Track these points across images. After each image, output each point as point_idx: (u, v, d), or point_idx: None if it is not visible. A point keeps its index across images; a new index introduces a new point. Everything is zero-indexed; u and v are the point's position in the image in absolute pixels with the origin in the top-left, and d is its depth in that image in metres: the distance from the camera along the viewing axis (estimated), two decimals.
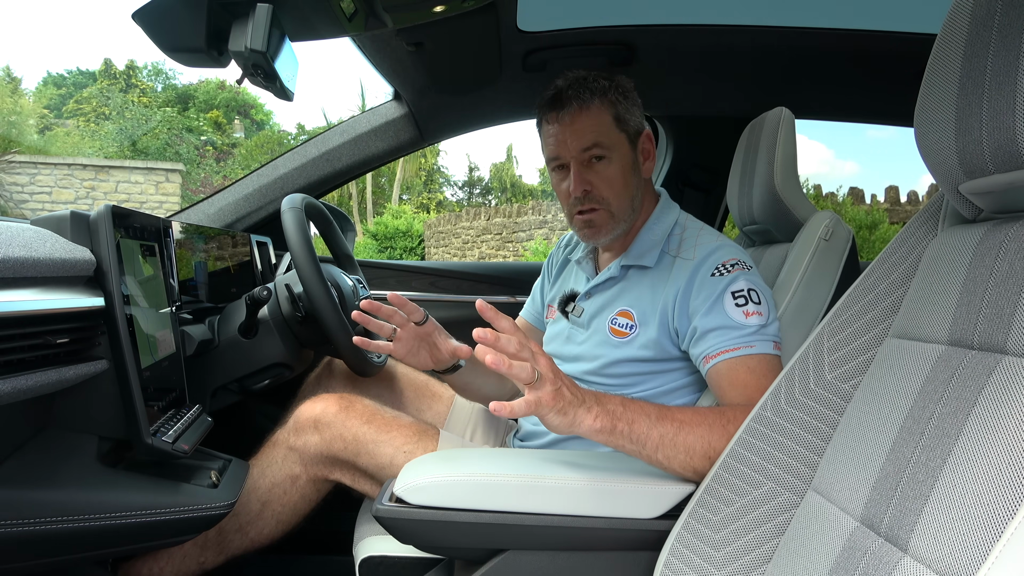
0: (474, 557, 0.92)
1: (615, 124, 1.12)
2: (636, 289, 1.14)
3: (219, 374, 1.28)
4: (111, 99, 23.52)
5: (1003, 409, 0.54)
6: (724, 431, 0.88)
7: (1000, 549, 0.48)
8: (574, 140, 1.11)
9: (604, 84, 1.12)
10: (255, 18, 0.93)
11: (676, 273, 1.09)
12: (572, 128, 1.11)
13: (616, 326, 1.14)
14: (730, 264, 1.06)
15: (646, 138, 1.16)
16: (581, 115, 1.10)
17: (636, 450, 0.86)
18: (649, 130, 1.17)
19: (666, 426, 0.86)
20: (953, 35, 0.63)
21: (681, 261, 1.10)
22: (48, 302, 0.72)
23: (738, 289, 1.03)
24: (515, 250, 13.29)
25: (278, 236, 1.72)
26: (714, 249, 1.09)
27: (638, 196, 1.16)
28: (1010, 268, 0.60)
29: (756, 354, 0.99)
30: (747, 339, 0.99)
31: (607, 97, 1.11)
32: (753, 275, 1.06)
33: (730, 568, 0.77)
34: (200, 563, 1.13)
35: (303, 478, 1.15)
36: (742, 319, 1.01)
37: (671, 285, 1.08)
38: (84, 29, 58.84)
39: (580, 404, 0.81)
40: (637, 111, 1.15)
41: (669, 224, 1.17)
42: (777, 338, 1.02)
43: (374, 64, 1.55)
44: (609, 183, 1.12)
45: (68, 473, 0.81)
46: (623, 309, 1.14)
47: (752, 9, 1.53)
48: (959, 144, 0.62)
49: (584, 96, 1.10)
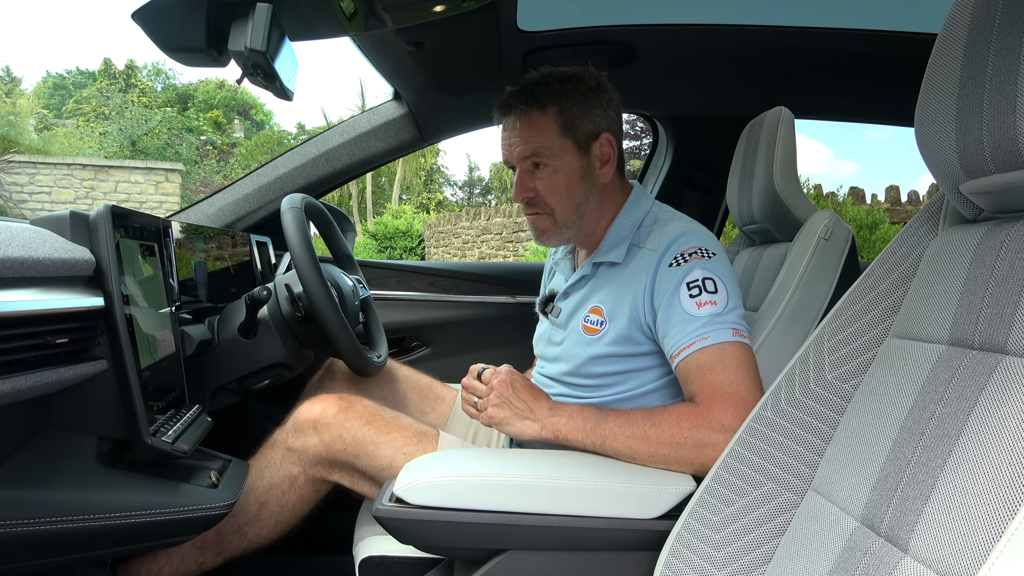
0: (474, 557, 0.92)
1: (560, 132, 1.10)
2: (607, 286, 1.13)
3: (219, 374, 1.28)
4: (111, 99, 23.53)
5: (1004, 409, 0.54)
6: (645, 439, 0.96)
7: (1000, 549, 0.48)
8: (515, 146, 1.12)
9: (555, 88, 1.10)
10: (255, 18, 0.93)
11: (643, 265, 1.08)
12: (516, 135, 1.12)
13: (588, 323, 1.13)
14: (688, 253, 1.04)
15: (604, 142, 1.12)
16: (523, 123, 1.11)
17: (582, 449, 1.00)
18: (610, 134, 1.13)
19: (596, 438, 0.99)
20: (953, 35, 0.63)
21: (647, 252, 1.09)
22: (47, 302, 0.72)
23: (693, 280, 1.02)
24: (515, 250, 13.29)
25: (278, 236, 1.72)
26: (676, 237, 1.07)
27: (588, 202, 1.14)
28: (1011, 268, 0.60)
29: (710, 345, 0.98)
30: (700, 331, 0.98)
31: (555, 104, 1.09)
32: (712, 263, 1.04)
33: (730, 568, 0.77)
34: (199, 563, 1.13)
35: (301, 479, 1.14)
36: (695, 311, 1.00)
37: (639, 278, 1.08)
38: (84, 29, 58.84)
39: (525, 418, 1.03)
40: (596, 113, 1.11)
41: (638, 218, 1.15)
42: (737, 324, 0.99)
43: (374, 64, 1.55)
44: (551, 190, 1.12)
45: (68, 473, 0.81)
46: (594, 306, 1.14)
47: (752, 9, 1.54)
48: (960, 144, 0.62)
49: (528, 103, 1.10)
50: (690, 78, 1.79)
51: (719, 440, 0.91)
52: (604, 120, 1.13)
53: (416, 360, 1.90)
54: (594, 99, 1.11)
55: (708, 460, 0.91)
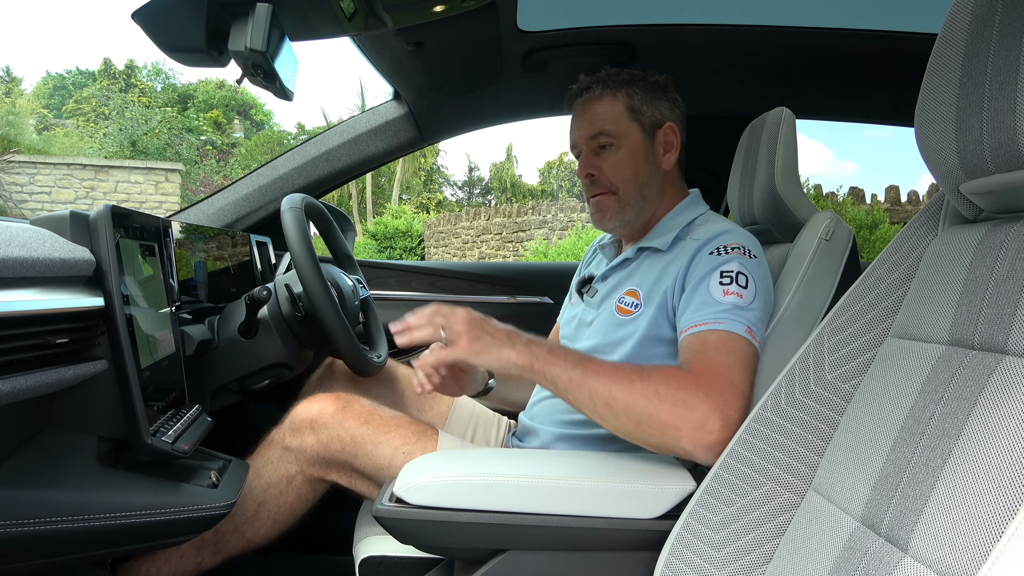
0: (474, 557, 0.92)
1: (627, 114, 1.17)
2: (648, 271, 1.15)
3: (219, 374, 1.28)
4: (111, 99, 23.53)
5: (1003, 409, 0.54)
6: (629, 384, 0.90)
7: (1000, 549, 0.48)
8: (584, 128, 1.19)
9: (625, 77, 1.17)
10: (255, 18, 0.93)
11: (684, 252, 1.09)
12: (583, 117, 1.19)
13: (623, 304, 1.14)
14: (731, 247, 1.05)
15: (668, 130, 1.19)
16: (591, 105, 1.18)
17: (553, 389, 0.95)
18: (675, 124, 1.19)
19: (577, 371, 0.93)
20: (953, 35, 0.63)
21: (691, 241, 1.11)
22: (47, 302, 0.72)
23: (728, 269, 1.02)
24: (515, 250, 13.29)
25: (278, 236, 1.72)
26: (722, 231, 1.09)
27: (651, 184, 1.18)
28: (1011, 268, 0.60)
29: (722, 330, 0.97)
30: (717, 315, 0.98)
31: (623, 89, 1.17)
32: (752, 262, 1.04)
33: (731, 568, 0.77)
34: (197, 563, 1.13)
35: (299, 479, 1.14)
36: (720, 296, 1.00)
37: (677, 263, 1.09)
38: (83, 29, 58.83)
39: (503, 344, 0.94)
40: (663, 104, 1.18)
41: (691, 217, 1.18)
42: (753, 325, 0.98)
43: (374, 64, 1.55)
44: (616, 169, 1.17)
45: (68, 473, 0.81)
46: (631, 288, 1.15)
47: (752, 9, 1.54)
48: (959, 144, 0.62)
49: (597, 88, 1.18)
50: (690, 78, 1.79)
51: (700, 409, 0.87)
52: (670, 112, 1.20)
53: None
54: (661, 93, 1.19)
55: (680, 426, 0.87)
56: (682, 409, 0.88)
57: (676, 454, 0.92)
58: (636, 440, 0.92)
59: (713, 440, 0.87)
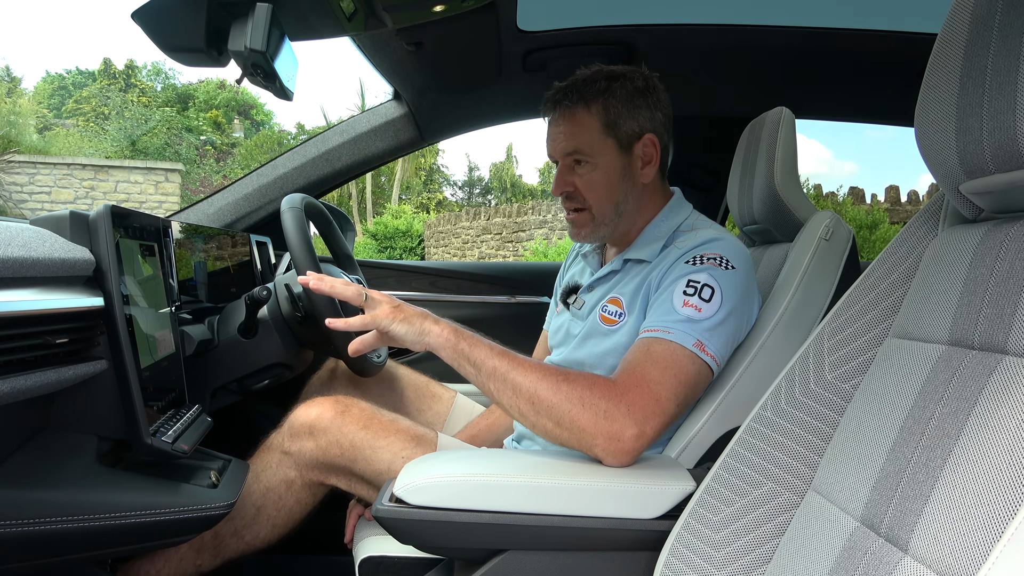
0: (474, 557, 0.92)
1: (602, 130, 1.10)
2: (632, 281, 1.13)
3: (219, 374, 1.28)
4: (110, 99, 23.52)
5: (1003, 409, 0.54)
6: (555, 385, 0.91)
7: (1000, 549, 0.48)
8: (559, 142, 1.14)
9: (602, 86, 1.10)
10: (255, 18, 0.93)
11: (667, 260, 1.08)
12: (559, 130, 1.13)
13: (607, 313, 1.13)
14: (707, 257, 1.03)
15: (647, 143, 1.13)
16: (567, 120, 1.12)
17: (474, 374, 0.95)
18: (654, 135, 1.13)
19: (503, 361, 0.94)
20: (953, 35, 0.63)
21: (675, 249, 1.09)
22: (47, 302, 0.72)
23: (695, 280, 1.01)
24: (515, 250, 13.29)
25: (278, 236, 1.73)
26: (706, 241, 1.07)
27: (627, 200, 1.14)
28: (1011, 268, 0.60)
29: (668, 340, 0.96)
30: (669, 325, 0.97)
31: (599, 101, 1.10)
32: (724, 275, 1.01)
33: (730, 568, 0.77)
34: (196, 565, 1.12)
35: (298, 483, 1.14)
36: (679, 307, 0.99)
37: (656, 271, 1.08)
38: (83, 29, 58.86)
39: (426, 318, 0.97)
40: (642, 113, 1.12)
41: (675, 223, 1.16)
42: (705, 339, 0.96)
43: (374, 64, 1.55)
44: (590, 187, 1.13)
45: (68, 473, 0.81)
46: (613, 297, 1.14)
47: (752, 9, 1.54)
48: (959, 144, 0.62)
49: (573, 101, 1.11)
50: (690, 78, 1.79)
51: (619, 422, 0.89)
52: (649, 121, 1.13)
53: (415, 360, 1.90)
54: (641, 99, 1.12)
55: (597, 434, 0.89)
56: (602, 419, 0.90)
57: (586, 454, 0.94)
58: (549, 438, 0.94)
59: (625, 450, 0.90)
